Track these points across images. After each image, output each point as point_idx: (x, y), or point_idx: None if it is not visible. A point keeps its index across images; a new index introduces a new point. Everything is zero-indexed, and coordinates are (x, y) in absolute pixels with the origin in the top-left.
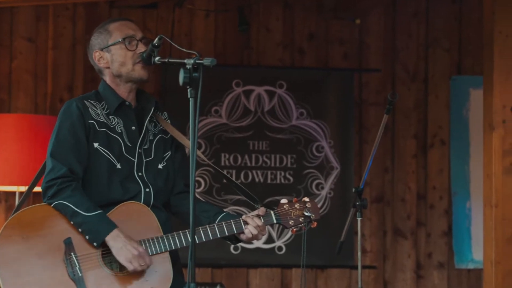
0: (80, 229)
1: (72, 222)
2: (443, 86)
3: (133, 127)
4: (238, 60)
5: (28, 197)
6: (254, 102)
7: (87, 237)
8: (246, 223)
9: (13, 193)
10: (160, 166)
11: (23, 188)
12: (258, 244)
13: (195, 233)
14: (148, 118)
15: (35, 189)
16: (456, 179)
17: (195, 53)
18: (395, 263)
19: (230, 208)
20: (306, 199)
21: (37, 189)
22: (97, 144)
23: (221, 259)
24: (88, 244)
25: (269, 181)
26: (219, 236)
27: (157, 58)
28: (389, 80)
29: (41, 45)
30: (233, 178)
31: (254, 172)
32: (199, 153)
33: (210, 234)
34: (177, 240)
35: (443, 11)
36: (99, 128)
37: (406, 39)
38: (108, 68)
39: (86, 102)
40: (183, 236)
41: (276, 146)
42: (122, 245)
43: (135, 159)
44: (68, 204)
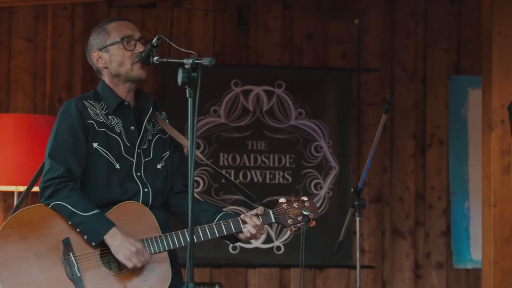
0: (78, 229)
1: (70, 223)
2: (441, 86)
3: (132, 127)
4: (237, 60)
5: (27, 197)
6: (253, 102)
7: (85, 237)
8: (244, 222)
9: (12, 193)
10: (159, 166)
11: (21, 188)
12: (257, 244)
13: (193, 233)
14: (146, 118)
15: (33, 189)
16: (454, 179)
17: (194, 53)
18: (393, 263)
19: (229, 208)
20: (305, 199)
21: (36, 189)
22: (97, 144)
23: (219, 259)
24: (86, 244)
25: (267, 181)
26: (218, 235)
27: (155, 58)
28: (387, 80)
29: (40, 45)
30: (232, 178)
31: (252, 172)
32: (197, 153)
33: (209, 234)
34: (175, 239)
35: (442, 11)
36: (98, 128)
37: (405, 39)
38: (106, 68)
39: (85, 102)
40: (181, 235)
41: (275, 146)
42: (120, 243)
43: (134, 159)
44: (66, 204)
